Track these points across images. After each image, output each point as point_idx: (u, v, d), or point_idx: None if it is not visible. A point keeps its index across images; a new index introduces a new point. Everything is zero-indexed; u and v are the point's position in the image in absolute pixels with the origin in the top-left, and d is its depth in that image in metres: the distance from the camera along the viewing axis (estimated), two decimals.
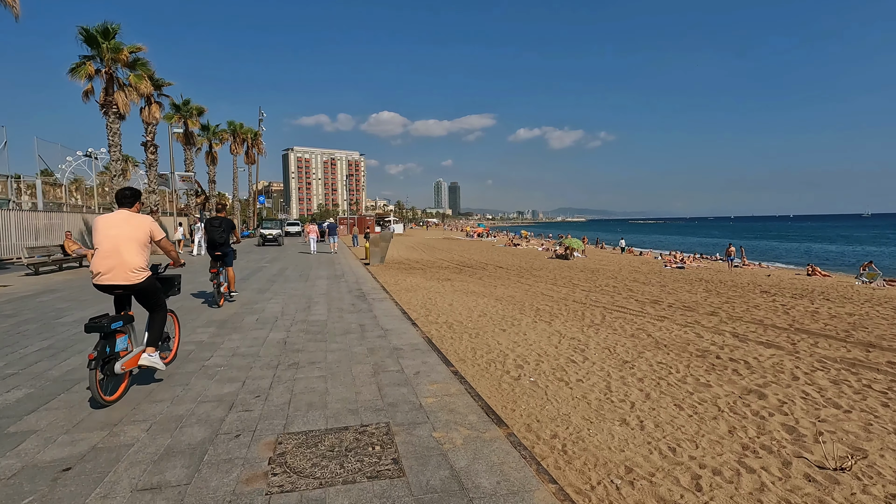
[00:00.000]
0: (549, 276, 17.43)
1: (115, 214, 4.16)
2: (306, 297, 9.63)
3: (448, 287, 13.21)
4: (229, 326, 6.90)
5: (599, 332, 7.99)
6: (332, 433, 3.39)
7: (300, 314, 7.84)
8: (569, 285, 14.91)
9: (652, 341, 7.46)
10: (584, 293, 13.05)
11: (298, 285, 11.41)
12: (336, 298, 9.47)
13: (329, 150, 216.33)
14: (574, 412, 4.51)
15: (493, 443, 3.30)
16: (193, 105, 28.73)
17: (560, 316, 9.44)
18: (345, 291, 10.45)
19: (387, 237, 19.25)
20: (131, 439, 3.31)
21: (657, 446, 3.86)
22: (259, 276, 13.13)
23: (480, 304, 10.33)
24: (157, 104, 22.79)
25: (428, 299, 10.66)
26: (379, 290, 10.75)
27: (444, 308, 9.65)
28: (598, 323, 8.83)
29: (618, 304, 11.26)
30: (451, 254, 29.49)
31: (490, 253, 31.33)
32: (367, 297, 9.73)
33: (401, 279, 14.46)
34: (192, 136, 29.33)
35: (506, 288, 13.69)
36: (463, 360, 6.04)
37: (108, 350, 3.88)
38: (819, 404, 4.87)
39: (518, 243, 43.70)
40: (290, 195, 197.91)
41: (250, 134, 45.44)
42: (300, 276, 13.23)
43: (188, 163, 29.36)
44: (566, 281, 16.07)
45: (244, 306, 8.48)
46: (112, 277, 3.99)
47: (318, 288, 10.95)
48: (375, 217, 71.25)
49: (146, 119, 22.50)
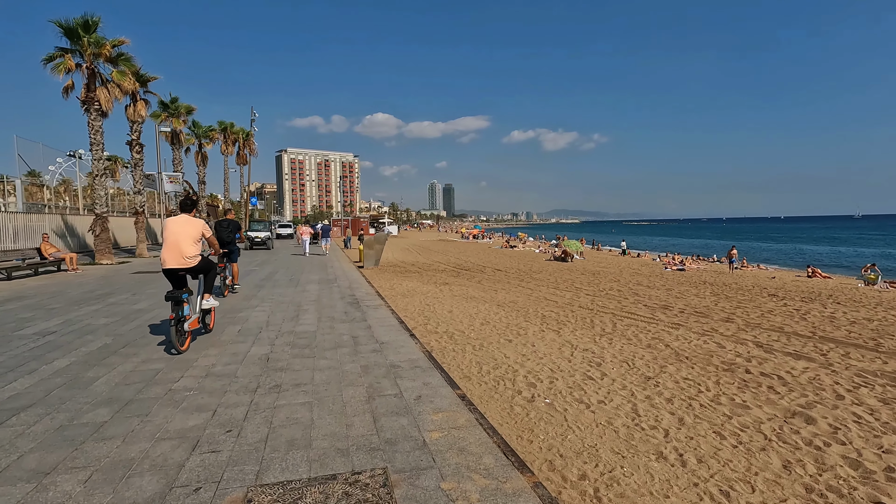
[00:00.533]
0: (550, 280, 16.83)
1: (178, 217, 5.62)
2: (295, 304, 8.94)
3: (446, 292, 12.57)
4: (206, 339, 6.22)
5: (613, 343, 7.37)
6: (315, 485, 2.73)
7: (287, 324, 7.16)
8: (572, 289, 14.31)
9: (671, 353, 6.85)
10: (589, 298, 12.45)
11: (288, 291, 10.71)
12: (327, 305, 8.79)
13: (323, 151, 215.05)
14: (601, 443, 3.87)
15: (517, 498, 2.66)
16: (182, 103, 27.89)
17: (568, 323, 8.82)
18: (337, 297, 9.77)
19: (381, 239, 18.57)
20: (61, 496, 2.63)
21: (706, 489, 3.23)
22: (247, 281, 12.42)
23: (482, 311, 9.69)
24: (143, 101, 21.95)
25: (426, 306, 10.01)
26: (373, 296, 10.08)
27: (444, 315, 9.00)
28: (609, 332, 8.21)
29: (627, 309, 10.66)
30: (448, 256, 28.84)
31: (487, 255, 30.71)
32: (360, 303, 9.06)
33: (396, 283, 13.80)
34: (180, 136, 28.46)
35: (507, 292, 13.06)
36: (468, 378, 5.39)
37: (180, 314, 5.35)
38: (877, 430, 4.27)
39: (514, 245, 43.11)
40: (284, 197, 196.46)
41: (242, 134, 44.56)
42: (290, 281, 12.53)
43: (176, 163, 28.49)
44: (568, 284, 15.47)
45: (226, 315, 7.78)
46: (172, 263, 5.46)
47: (308, 294, 10.26)
48: (370, 219, 70.40)
49: (131, 117, 21.66)
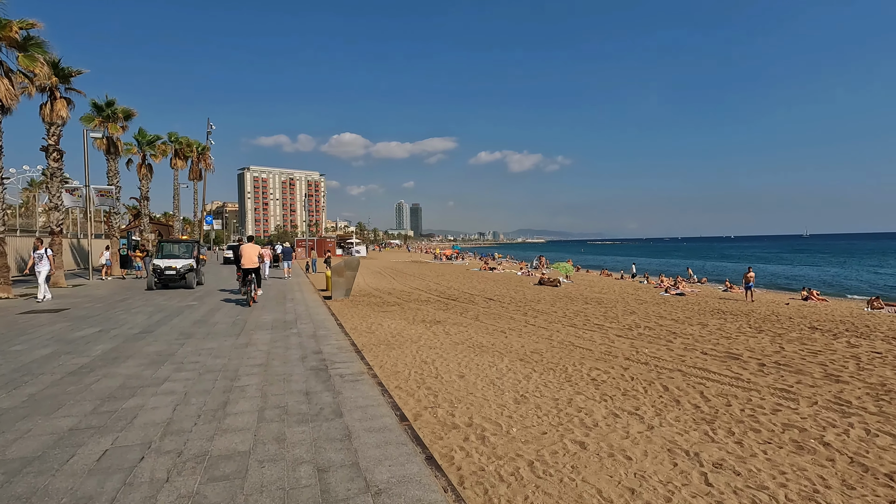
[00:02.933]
0: (556, 312, 14.16)
1: (249, 244, 12.54)
2: (229, 375, 5.78)
3: (442, 335, 9.65)
4: (34, 471, 3.10)
5: (745, 444, 4.62)
6: None
7: (202, 428, 4.06)
8: (591, 326, 11.66)
9: (846, 461, 4.17)
10: (626, 342, 9.79)
11: (225, 344, 7.52)
12: (279, 377, 5.69)
13: (288, 169, 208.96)
14: None
15: None
16: (120, 107, 24.09)
17: (638, 395, 6.06)
18: (296, 357, 6.67)
19: (353, 265, 15.50)
20: None
21: None
22: (172, 325, 9.12)
23: (505, 373, 6.83)
24: (64, 100, 18.30)
25: (423, 365, 7.07)
26: (348, 351, 7.04)
27: (455, 385, 6.10)
28: (710, 414, 5.47)
29: (689, 362, 8.03)
30: (426, 281, 25.86)
31: (468, 279, 27.90)
32: (330, 369, 6.00)
33: (375, 323, 10.76)
34: (117, 144, 24.61)
35: (518, 335, 10.25)
36: None
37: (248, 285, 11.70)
38: None
39: (494, 267, 40.58)
40: (246, 216, 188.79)
41: (197, 147, 40.60)
42: (232, 325, 9.29)
43: (111, 175, 24.54)
44: (582, 319, 12.83)
45: (104, 404, 4.61)
46: (248, 265, 11.99)
47: (253, 351, 7.10)
48: (336, 239, 66.47)
49: (48, 118, 17.92)
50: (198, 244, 18.36)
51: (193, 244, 17.94)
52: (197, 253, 17.73)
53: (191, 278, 16.17)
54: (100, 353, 6.80)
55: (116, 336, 8.05)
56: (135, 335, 8.11)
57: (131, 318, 10.02)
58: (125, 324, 9.26)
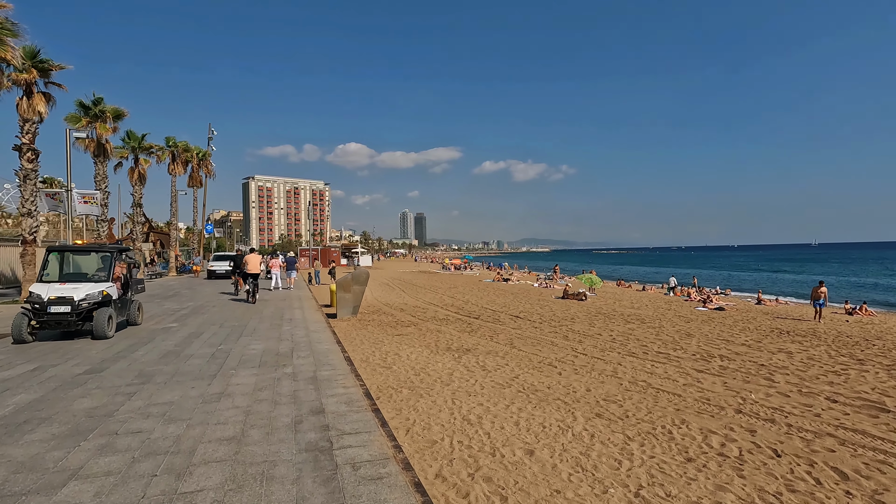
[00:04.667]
0: (603, 335, 12.00)
1: (252, 255, 15.70)
2: (177, 466, 3.68)
3: (479, 372, 7.54)
4: None
5: None
6: None
7: None
8: (653, 355, 9.52)
9: None
10: (712, 378, 7.63)
11: (191, 394, 5.45)
12: (255, 473, 3.59)
13: (293, 178, 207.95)
14: None
15: None
16: (108, 106, 22.27)
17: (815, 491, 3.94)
18: (285, 424, 4.57)
19: (361, 279, 13.44)
20: None
21: None
22: (133, 359, 7.08)
23: (593, 447, 4.71)
24: (43, 95, 16.50)
25: (468, 427, 4.98)
26: (360, 409, 4.96)
27: (529, 476, 4.00)
28: None
29: (823, 417, 5.86)
30: (439, 293, 23.74)
31: (483, 292, 25.73)
32: (334, 453, 3.90)
33: (391, 352, 8.68)
34: (105, 146, 22.80)
35: (574, 370, 8.11)
36: None
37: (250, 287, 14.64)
38: None
39: (507, 278, 38.36)
40: (251, 225, 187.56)
41: (197, 153, 38.82)
42: (211, 359, 7.23)
43: (99, 179, 22.74)
44: (637, 345, 10.68)
45: None
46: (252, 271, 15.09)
47: (226, 409, 5.01)
48: (341, 248, 64.40)
49: (24, 114, 16.13)
50: (125, 253, 10.40)
51: (112, 255, 9.69)
52: (124, 271, 10.16)
53: (101, 320, 8.62)
54: (11, 409, 4.76)
55: (51, 378, 6.01)
56: (74, 377, 6.06)
57: (90, 344, 7.98)
58: (76, 355, 7.22)
